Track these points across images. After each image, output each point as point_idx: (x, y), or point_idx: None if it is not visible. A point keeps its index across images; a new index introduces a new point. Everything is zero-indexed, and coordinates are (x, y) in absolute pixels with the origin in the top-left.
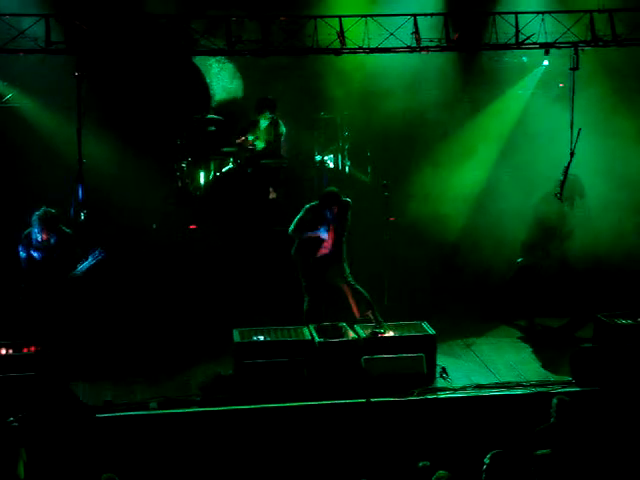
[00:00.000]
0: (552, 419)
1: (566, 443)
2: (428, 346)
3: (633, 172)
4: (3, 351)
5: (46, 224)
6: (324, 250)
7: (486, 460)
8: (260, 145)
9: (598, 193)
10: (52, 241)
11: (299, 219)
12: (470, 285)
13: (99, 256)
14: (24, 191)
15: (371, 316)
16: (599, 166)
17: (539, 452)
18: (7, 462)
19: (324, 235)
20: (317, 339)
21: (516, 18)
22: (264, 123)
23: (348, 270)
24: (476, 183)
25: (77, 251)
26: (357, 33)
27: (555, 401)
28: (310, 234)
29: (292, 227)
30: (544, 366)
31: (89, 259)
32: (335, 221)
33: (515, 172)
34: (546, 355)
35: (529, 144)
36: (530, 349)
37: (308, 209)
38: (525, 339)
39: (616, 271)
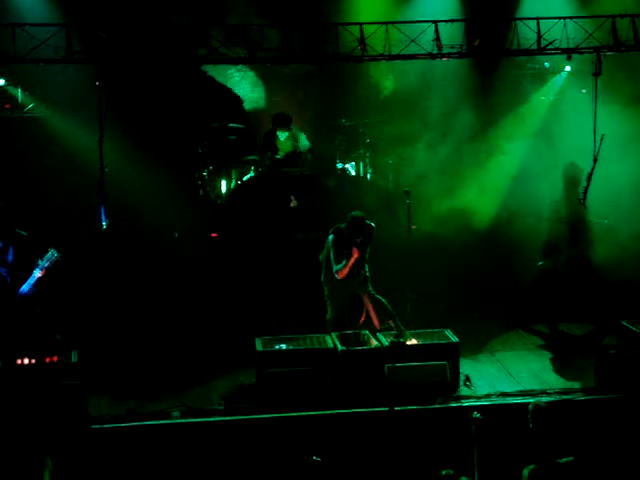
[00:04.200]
0: (530, 425)
1: (547, 450)
2: (451, 354)
3: None
4: (26, 360)
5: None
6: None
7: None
8: (280, 155)
9: (624, 199)
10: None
11: (335, 258)
12: (493, 291)
13: (51, 259)
14: (45, 201)
15: (392, 325)
16: (624, 173)
17: (562, 460)
18: (33, 471)
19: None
20: (340, 347)
21: (538, 24)
22: (282, 136)
23: (369, 280)
24: (499, 189)
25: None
26: (378, 40)
27: (530, 407)
28: (347, 266)
29: (335, 269)
30: (568, 373)
31: (36, 270)
32: (361, 243)
33: (539, 178)
34: (570, 362)
35: (553, 149)
36: (553, 356)
37: (334, 241)
38: (548, 346)
39: None
